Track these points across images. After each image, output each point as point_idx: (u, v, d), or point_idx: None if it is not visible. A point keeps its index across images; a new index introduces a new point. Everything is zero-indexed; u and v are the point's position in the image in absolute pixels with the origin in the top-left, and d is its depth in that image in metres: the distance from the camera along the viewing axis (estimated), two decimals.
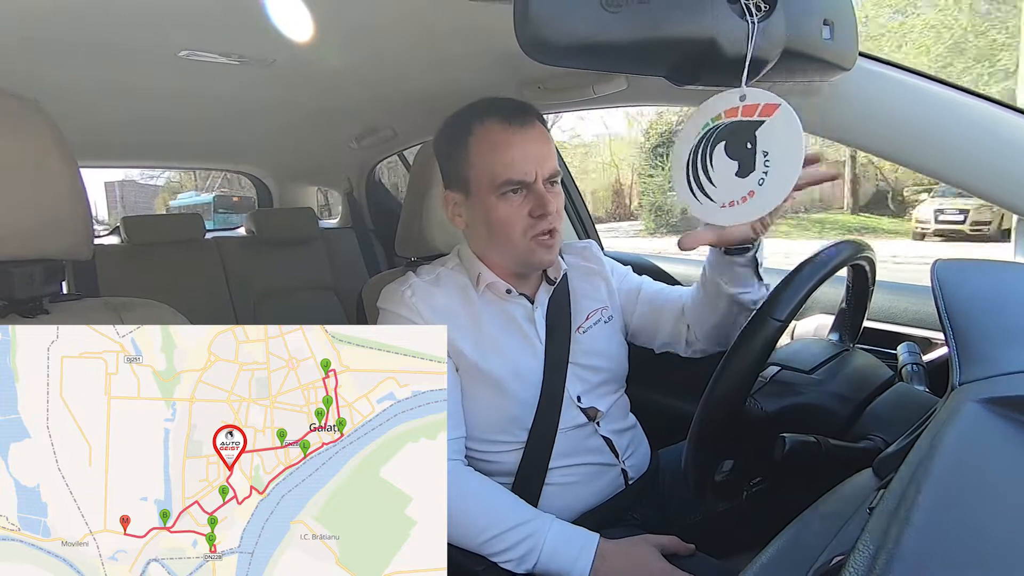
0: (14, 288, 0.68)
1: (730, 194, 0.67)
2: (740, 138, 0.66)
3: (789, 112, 0.64)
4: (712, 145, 0.68)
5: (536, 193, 0.80)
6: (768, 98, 0.64)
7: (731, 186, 0.67)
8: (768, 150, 0.65)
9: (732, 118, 0.66)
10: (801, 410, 0.68)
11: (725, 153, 0.67)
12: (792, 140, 0.64)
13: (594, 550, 0.71)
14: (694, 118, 0.69)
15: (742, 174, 0.66)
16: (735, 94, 0.65)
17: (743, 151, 0.66)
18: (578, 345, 0.88)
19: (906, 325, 0.98)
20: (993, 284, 0.56)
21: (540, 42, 0.53)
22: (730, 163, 0.67)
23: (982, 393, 0.42)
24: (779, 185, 0.65)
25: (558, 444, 0.84)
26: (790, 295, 0.62)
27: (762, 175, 0.65)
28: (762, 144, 0.65)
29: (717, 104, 0.67)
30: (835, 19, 0.66)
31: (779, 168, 0.65)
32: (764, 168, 0.65)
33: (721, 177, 0.68)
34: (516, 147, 0.79)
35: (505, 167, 0.79)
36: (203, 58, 0.98)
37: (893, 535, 0.29)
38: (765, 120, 0.64)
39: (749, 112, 0.65)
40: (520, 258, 0.83)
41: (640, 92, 1.07)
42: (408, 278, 0.87)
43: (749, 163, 0.66)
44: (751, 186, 0.66)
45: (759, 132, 0.65)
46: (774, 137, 0.64)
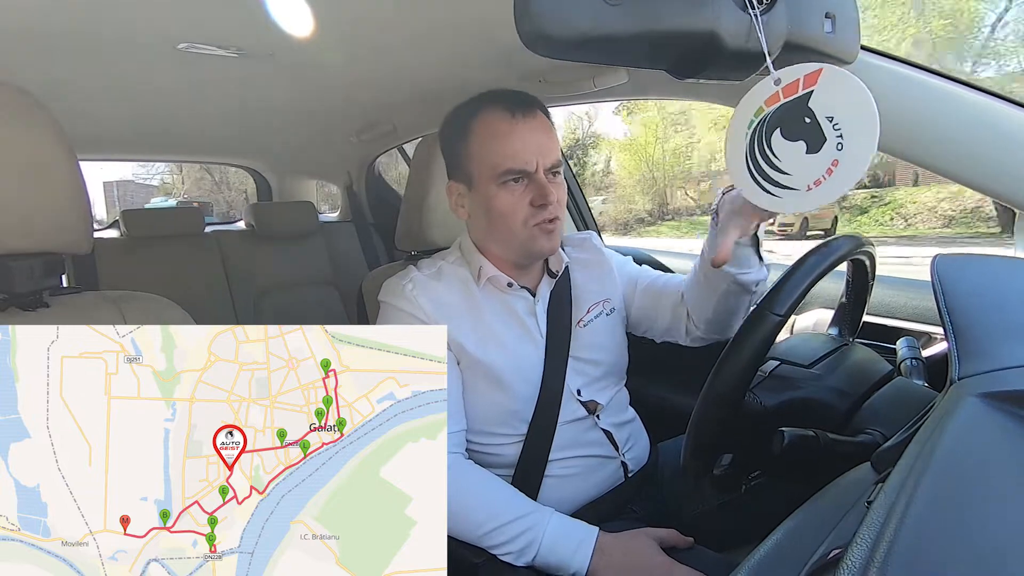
0: (14, 281, 0.68)
1: (811, 174, 0.64)
2: (794, 117, 0.63)
3: (834, 70, 0.61)
4: (766, 137, 0.65)
5: (537, 182, 0.80)
6: (805, 69, 0.61)
7: (808, 165, 0.64)
8: (832, 113, 0.61)
9: (775, 104, 0.64)
10: (800, 404, 0.68)
11: (785, 138, 0.64)
12: (853, 91, 0.60)
13: (593, 543, 0.72)
14: (735, 122, 0.66)
15: (814, 149, 0.63)
16: (769, 82, 0.63)
17: (804, 127, 0.63)
18: (578, 339, 0.88)
19: (906, 320, 0.98)
20: (993, 279, 0.56)
21: (541, 35, 0.53)
22: (795, 145, 0.64)
23: (981, 388, 0.42)
24: (863, 139, 0.61)
25: (558, 437, 0.84)
26: (789, 290, 0.62)
27: (838, 140, 0.62)
28: (822, 111, 0.62)
29: (753, 99, 0.65)
30: (836, 12, 0.66)
31: (853, 123, 0.61)
32: (837, 132, 0.62)
33: (792, 162, 0.64)
34: (517, 137, 0.79)
35: (507, 157, 0.79)
36: (202, 51, 0.98)
37: (891, 529, 0.29)
38: (812, 89, 0.62)
39: (791, 91, 0.62)
40: (521, 247, 0.83)
41: (641, 85, 1.06)
42: (409, 272, 0.87)
43: (817, 135, 0.62)
44: (831, 155, 0.62)
45: (812, 102, 0.62)
46: (832, 98, 0.61)
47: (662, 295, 0.94)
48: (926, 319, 0.96)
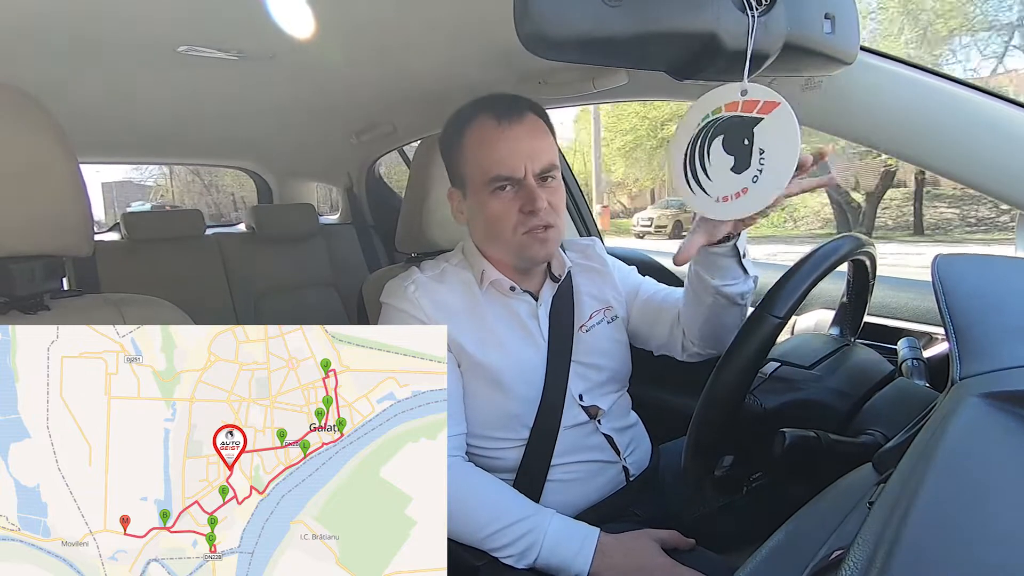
0: (15, 284, 0.68)
1: (724, 189, 0.67)
2: (738, 133, 0.66)
3: (788, 111, 0.63)
4: (711, 138, 0.67)
5: (527, 189, 0.79)
6: (769, 95, 0.63)
7: (726, 181, 0.67)
8: (764, 148, 0.64)
9: (732, 112, 0.66)
10: (801, 405, 0.68)
11: (723, 147, 0.67)
12: (788, 140, 0.63)
13: (594, 544, 0.71)
14: (695, 109, 0.68)
15: (737, 170, 0.66)
16: (736, 88, 0.64)
17: (740, 147, 0.66)
18: (581, 344, 0.88)
19: (906, 320, 0.98)
20: (994, 279, 0.56)
21: (540, 37, 0.53)
22: (727, 157, 0.66)
23: (982, 388, 0.42)
24: (771, 184, 0.64)
25: (560, 442, 0.84)
26: (789, 292, 0.62)
27: (756, 172, 0.65)
28: (759, 141, 0.64)
29: (718, 97, 0.66)
30: (836, 13, 0.66)
31: (773, 167, 0.64)
32: (759, 166, 0.64)
33: (717, 171, 0.67)
34: (504, 144, 0.79)
35: (494, 163, 0.79)
36: (202, 53, 0.98)
37: (893, 530, 0.29)
38: (764, 117, 0.64)
39: (749, 108, 0.64)
40: (515, 253, 0.83)
41: (640, 86, 1.07)
42: (412, 273, 0.87)
43: (745, 159, 0.65)
44: (745, 183, 0.66)
45: (757, 129, 0.64)
46: (771, 135, 0.64)
47: (661, 310, 0.94)
48: (927, 319, 0.95)
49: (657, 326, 0.94)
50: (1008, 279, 0.56)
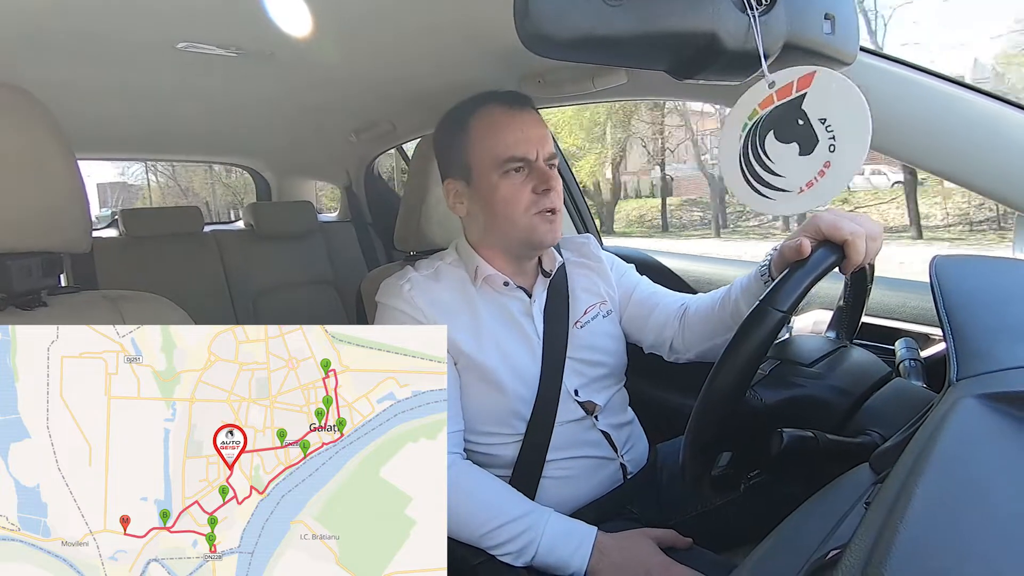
0: (12, 281, 0.68)
1: (803, 175, 0.64)
2: (788, 119, 0.64)
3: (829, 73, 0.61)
4: (760, 140, 0.66)
5: (538, 170, 0.82)
6: (799, 72, 0.62)
7: (800, 167, 0.64)
8: (825, 115, 0.62)
9: (769, 107, 0.64)
10: (800, 402, 0.68)
11: (778, 140, 0.65)
12: (847, 94, 0.61)
13: (592, 543, 0.72)
14: (729, 124, 0.67)
15: (806, 151, 0.64)
16: (763, 84, 0.63)
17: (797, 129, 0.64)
18: (576, 339, 0.88)
19: (904, 321, 0.98)
20: (991, 280, 0.56)
21: (540, 36, 0.53)
22: (788, 147, 0.65)
23: (979, 388, 0.42)
24: (855, 141, 0.61)
25: (556, 437, 0.84)
26: (792, 287, 0.62)
27: (830, 141, 0.62)
28: (815, 113, 0.62)
29: (748, 101, 0.65)
30: (836, 13, 0.66)
31: (846, 125, 0.61)
32: (829, 134, 0.62)
33: (785, 164, 0.65)
34: (517, 127, 0.82)
35: (508, 146, 0.81)
36: (201, 50, 0.98)
37: (889, 529, 0.29)
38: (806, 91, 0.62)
39: (784, 93, 0.63)
40: (522, 236, 0.84)
41: (641, 86, 1.06)
42: (407, 272, 0.88)
43: (810, 137, 0.63)
44: (823, 157, 0.63)
45: (806, 105, 0.62)
46: (825, 100, 0.62)
47: (653, 312, 0.95)
48: (925, 320, 0.96)
49: (648, 327, 0.95)
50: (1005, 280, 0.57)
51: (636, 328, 0.96)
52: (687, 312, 0.92)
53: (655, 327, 0.94)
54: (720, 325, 0.84)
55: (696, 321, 0.89)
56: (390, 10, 0.87)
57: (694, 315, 0.90)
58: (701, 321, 0.89)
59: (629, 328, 0.97)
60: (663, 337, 0.93)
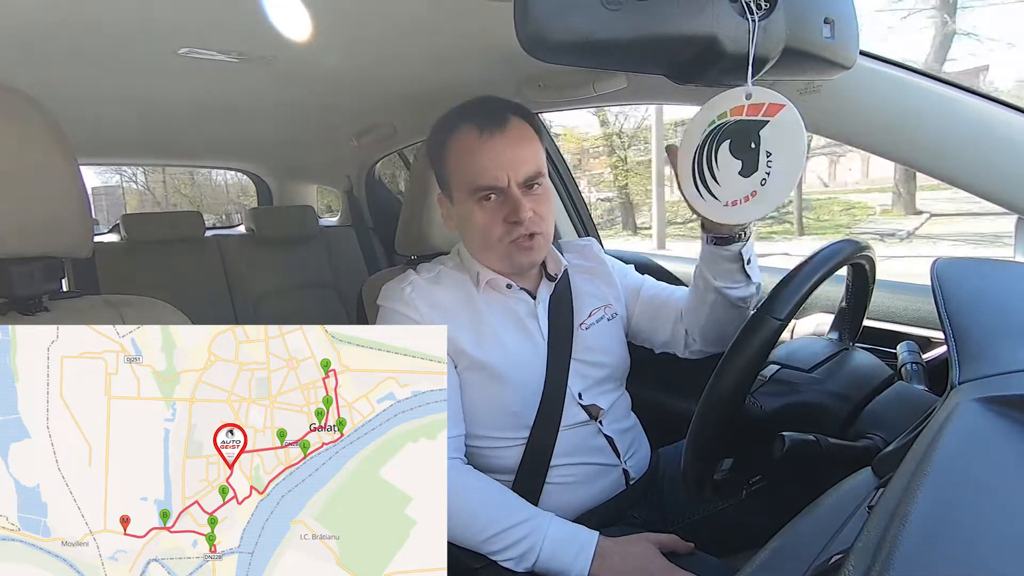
0: (14, 285, 0.68)
1: (734, 193, 0.67)
2: (745, 137, 0.66)
3: (793, 113, 0.64)
4: (718, 143, 0.68)
5: (511, 198, 0.80)
6: (773, 98, 0.64)
7: (735, 184, 0.67)
8: (771, 150, 0.65)
9: (738, 116, 0.66)
10: (800, 409, 0.68)
11: (730, 151, 0.67)
12: (795, 142, 0.64)
13: (593, 548, 0.71)
14: (700, 115, 0.69)
15: (745, 173, 0.66)
16: (741, 92, 0.65)
17: (747, 150, 0.66)
18: (580, 341, 0.88)
19: (906, 324, 0.98)
20: (992, 283, 0.56)
21: (540, 40, 0.53)
22: (734, 161, 0.67)
23: (981, 392, 0.42)
24: (780, 186, 0.65)
25: (560, 443, 0.84)
26: (790, 294, 0.62)
27: (765, 175, 0.65)
28: (766, 144, 0.65)
29: (723, 102, 0.67)
30: (836, 18, 0.66)
31: (781, 169, 0.65)
32: (767, 168, 0.65)
33: (726, 175, 0.68)
34: (485, 154, 0.79)
35: (476, 174, 0.80)
36: (202, 56, 0.98)
37: (892, 534, 0.29)
38: (769, 120, 0.64)
39: (754, 111, 0.65)
40: (503, 261, 0.84)
41: (640, 90, 1.07)
42: (408, 275, 0.88)
43: (753, 162, 0.66)
44: (754, 186, 0.66)
45: (763, 132, 0.65)
46: (778, 138, 0.64)
47: (663, 308, 0.95)
48: (926, 323, 0.96)
49: (659, 323, 0.95)
50: (1007, 283, 0.57)
51: (648, 325, 0.96)
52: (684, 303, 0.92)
53: (667, 322, 0.94)
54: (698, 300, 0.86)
55: (686, 307, 0.90)
56: (390, 15, 0.87)
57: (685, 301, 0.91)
58: (688, 303, 0.89)
59: (640, 327, 0.97)
60: (677, 330, 0.93)
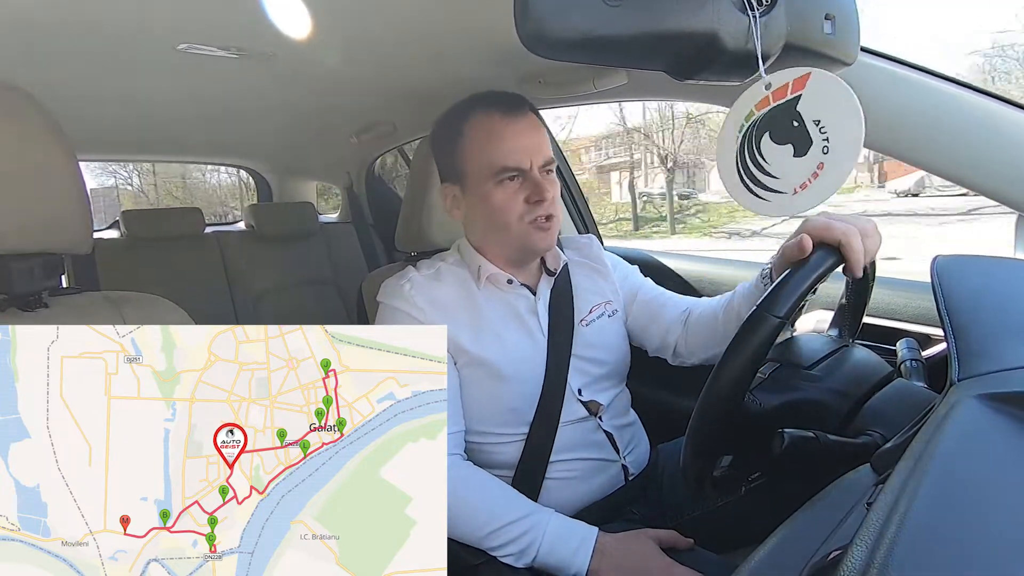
0: (13, 282, 0.68)
1: (797, 177, 0.65)
2: (783, 121, 0.64)
3: (823, 74, 0.61)
4: (756, 141, 0.66)
5: (532, 180, 0.81)
6: (794, 73, 0.62)
7: (794, 169, 0.65)
8: (819, 117, 0.62)
9: (765, 108, 0.65)
10: (800, 406, 0.68)
11: (773, 142, 0.65)
12: (841, 97, 0.61)
13: (593, 544, 0.71)
14: (727, 125, 0.68)
15: (801, 152, 0.64)
16: (760, 86, 0.64)
17: (792, 131, 0.64)
18: (580, 337, 0.88)
19: (906, 321, 0.98)
20: (992, 280, 0.56)
21: (540, 36, 0.53)
22: (783, 148, 0.65)
23: (981, 389, 0.42)
24: (848, 144, 0.62)
25: (560, 438, 0.84)
26: (789, 292, 0.62)
27: (824, 143, 0.63)
28: (809, 115, 0.63)
29: (745, 102, 0.66)
30: (836, 13, 0.66)
31: (839, 127, 0.62)
32: (823, 136, 0.63)
33: (780, 165, 0.65)
34: (511, 136, 0.81)
35: (502, 155, 0.81)
36: (202, 51, 0.98)
37: (891, 530, 0.29)
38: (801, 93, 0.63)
39: (780, 95, 0.63)
40: (517, 244, 0.84)
41: (641, 86, 1.06)
42: (408, 272, 0.88)
43: (804, 139, 0.64)
44: (817, 159, 0.63)
45: (801, 106, 0.63)
46: (820, 102, 0.62)
47: (658, 316, 0.95)
48: (926, 320, 0.96)
49: (652, 330, 0.95)
50: (1007, 280, 0.57)
51: (640, 331, 0.97)
52: (691, 317, 0.92)
53: (660, 331, 0.94)
54: (725, 333, 0.84)
55: (699, 327, 0.90)
56: (390, 11, 0.87)
57: (697, 321, 0.90)
58: (705, 328, 0.89)
59: (634, 331, 0.97)
60: (667, 342, 0.94)
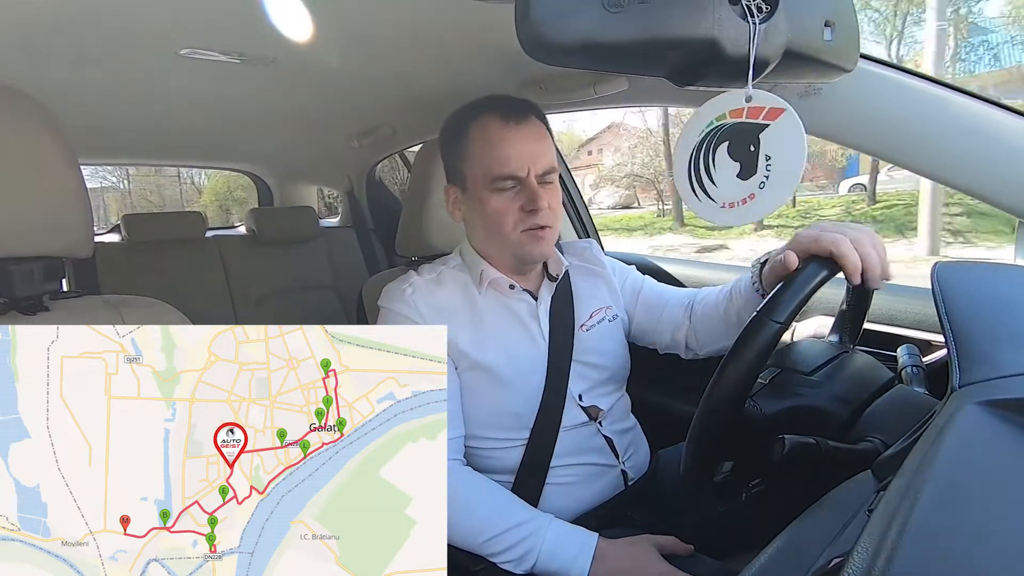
0: (14, 285, 0.68)
1: (731, 195, 0.68)
2: (744, 140, 0.66)
3: (794, 117, 0.64)
4: (716, 144, 0.68)
5: (528, 188, 0.81)
6: (774, 102, 0.64)
7: (732, 187, 0.67)
8: (771, 154, 0.65)
9: (737, 119, 0.66)
10: (800, 412, 0.68)
11: (728, 153, 0.67)
12: (795, 147, 0.64)
13: (593, 550, 0.71)
14: (699, 115, 0.69)
15: (744, 176, 0.67)
16: (740, 95, 0.65)
17: (746, 153, 0.66)
18: (581, 342, 0.88)
19: (906, 327, 0.98)
20: (993, 286, 0.56)
21: (541, 42, 0.53)
22: (732, 164, 0.67)
23: (982, 395, 0.42)
24: (779, 191, 0.65)
25: (560, 443, 0.84)
26: (790, 297, 0.62)
27: (763, 179, 0.66)
28: (765, 147, 0.65)
29: (722, 103, 0.67)
30: (836, 20, 0.66)
31: (780, 174, 0.65)
32: (766, 172, 0.65)
33: (723, 177, 0.68)
34: (510, 143, 0.81)
35: (499, 163, 0.81)
36: (204, 56, 0.98)
37: (892, 537, 0.29)
38: (770, 124, 0.65)
39: (754, 114, 0.65)
40: (512, 251, 0.84)
41: (641, 92, 1.07)
42: (409, 276, 0.88)
43: (752, 166, 0.66)
44: (752, 189, 0.66)
45: (763, 135, 0.65)
46: (778, 142, 0.64)
47: (664, 311, 0.95)
48: (927, 326, 0.95)
49: (661, 327, 0.95)
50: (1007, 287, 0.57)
51: (649, 330, 0.97)
52: (695, 310, 0.92)
53: (668, 327, 0.94)
54: (727, 329, 0.86)
55: (704, 320, 0.90)
56: (391, 16, 0.88)
57: (702, 313, 0.91)
58: (709, 321, 0.89)
59: (642, 330, 0.97)
60: (677, 338, 0.94)
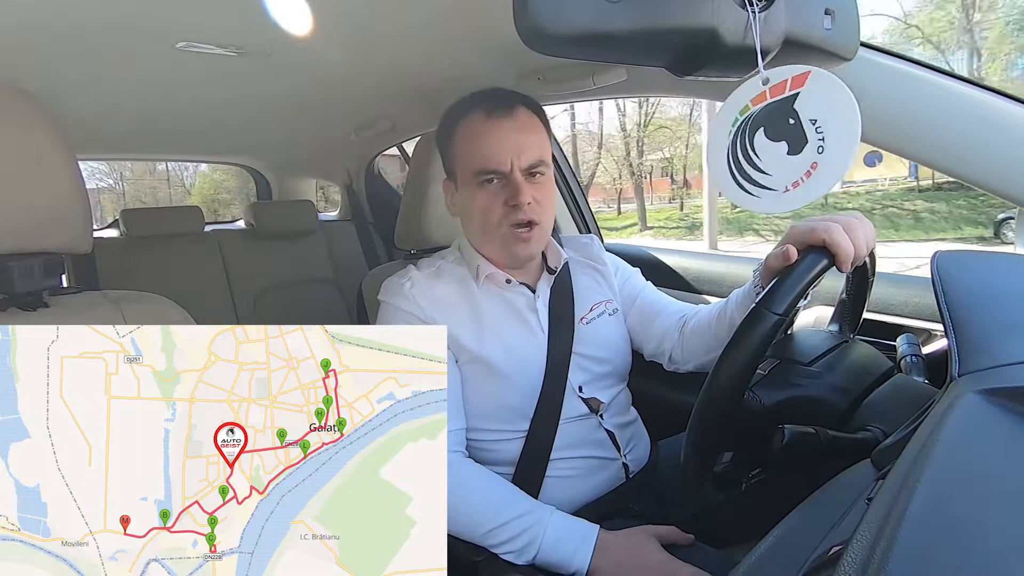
0: (14, 281, 0.68)
1: (790, 175, 0.64)
2: (779, 118, 0.63)
3: (822, 73, 0.61)
4: (750, 136, 0.65)
5: (512, 183, 0.80)
6: (794, 71, 0.62)
7: (787, 167, 0.64)
8: (816, 116, 0.62)
9: (761, 103, 0.64)
10: (800, 402, 0.68)
11: (768, 138, 0.64)
12: (839, 97, 0.60)
13: (594, 541, 0.72)
14: (720, 119, 0.67)
15: (795, 151, 0.63)
16: (757, 81, 0.63)
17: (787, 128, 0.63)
18: (581, 335, 0.88)
19: (906, 316, 0.98)
20: (993, 276, 0.56)
21: (539, 32, 0.53)
22: (777, 145, 0.64)
23: (981, 384, 0.42)
24: (842, 145, 0.61)
25: (560, 436, 0.84)
26: (788, 288, 0.62)
27: (819, 143, 0.62)
28: (806, 113, 0.62)
29: (740, 96, 0.65)
30: (836, 9, 0.65)
31: (835, 129, 0.61)
32: (818, 135, 0.62)
33: (772, 163, 0.65)
34: (492, 137, 0.80)
35: (482, 157, 0.80)
36: (201, 50, 0.98)
37: (891, 525, 0.29)
38: (799, 91, 0.62)
39: (778, 91, 0.62)
40: (499, 247, 0.84)
41: (640, 83, 1.06)
42: (408, 271, 0.88)
43: (799, 137, 0.63)
44: (811, 158, 0.63)
45: (798, 104, 0.62)
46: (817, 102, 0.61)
47: (655, 322, 0.95)
48: (926, 316, 0.96)
49: (649, 335, 0.95)
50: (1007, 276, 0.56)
51: (637, 335, 0.97)
52: (687, 325, 0.92)
53: (655, 337, 0.94)
54: (716, 340, 0.84)
55: (694, 336, 0.90)
56: (389, 8, 0.87)
57: (692, 330, 0.90)
58: (699, 335, 0.89)
59: (631, 335, 0.97)
60: (663, 348, 0.94)
